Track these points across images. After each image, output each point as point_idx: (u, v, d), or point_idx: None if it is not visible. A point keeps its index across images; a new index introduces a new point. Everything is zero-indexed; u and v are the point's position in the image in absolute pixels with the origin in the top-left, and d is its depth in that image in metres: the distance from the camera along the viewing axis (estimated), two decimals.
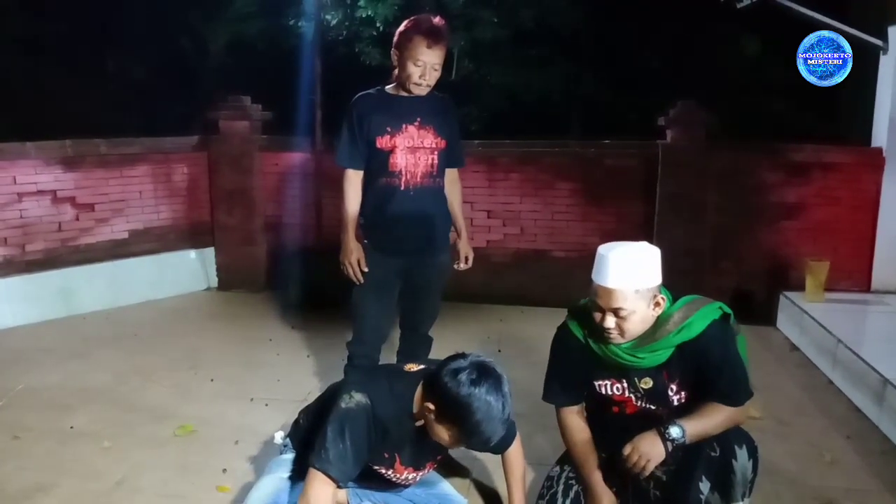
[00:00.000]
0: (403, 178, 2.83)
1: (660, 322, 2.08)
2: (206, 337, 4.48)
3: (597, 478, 2.23)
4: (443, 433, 1.96)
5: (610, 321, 2.02)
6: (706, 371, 2.08)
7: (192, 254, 5.45)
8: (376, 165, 2.84)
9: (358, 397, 1.99)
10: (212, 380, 3.76)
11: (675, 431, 2.02)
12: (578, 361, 2.21)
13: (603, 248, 2.07)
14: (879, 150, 4.74)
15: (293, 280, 5.12)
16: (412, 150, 2.82)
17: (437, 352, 3.29)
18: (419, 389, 2.04)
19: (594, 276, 2.06)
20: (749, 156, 4.97)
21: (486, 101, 6.97)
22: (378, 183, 2.86)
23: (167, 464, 2.89)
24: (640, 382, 2.14)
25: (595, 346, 2.16)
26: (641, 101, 5.38)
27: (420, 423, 2.05)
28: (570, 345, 2.22)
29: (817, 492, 2.72)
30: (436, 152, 2.86)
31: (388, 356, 3.25)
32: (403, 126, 2.81)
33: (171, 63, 7.17)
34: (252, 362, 4.03)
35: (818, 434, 3.23)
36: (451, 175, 3.01)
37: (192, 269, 5.46)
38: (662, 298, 2.07)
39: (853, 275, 4.81)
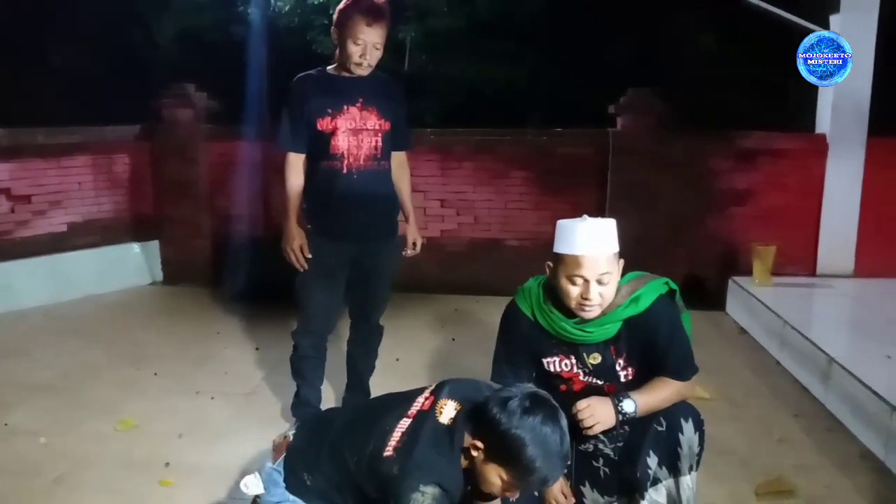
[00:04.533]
0: (346, 161, 2.75)
1: None
2: (150, 332, 4.35)
3: None
4: (493, 476, 1.73)
5: (595, 290, 1.97)
6: (654, 346, 2.07)
7: (135, 247, 5.30)
8: (318, 148, 2.76)
9: (430, 491, 1.70)
10: (156, 374, 3.65)
11: (627, 406, 2.00)
12: (527, 339, 2.17)
13: (568, 222, 2.02)
14: (823, 137, 4.83)
15: (242, 272, 4.99)
16: (354, 133, 2.74)
17: (391, 341, 3.26)
18: (465, 433, 1.78)
19: (568, 249, 1.99)
20: (699, 143, 5.03)
21: (442, 93, 6.92)
22: (320, 166, 2.77)
23: (108, 459, 2.79)
24: (588, 358, 2.11)
25: (544, 323, 2.13)
26: (598, 92, 5.38)
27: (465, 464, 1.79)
28: (518, 322, 2.18)
29: (767, 468, 2.75)
30: (380, 134, 2.78)
31: (337, 346, 3.19)
32: (345, 107, 2.73)
33: (120, 55, 6.92)
34: (199, 356, 3.93)
35: (767, 413, 3.28)
36: (398, 158, 2.94)
37: (136, 263, 5.30)
38: (621, 263, 2.05)
39: (800, 259, 4.90)
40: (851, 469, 2.77)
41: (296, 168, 2.81)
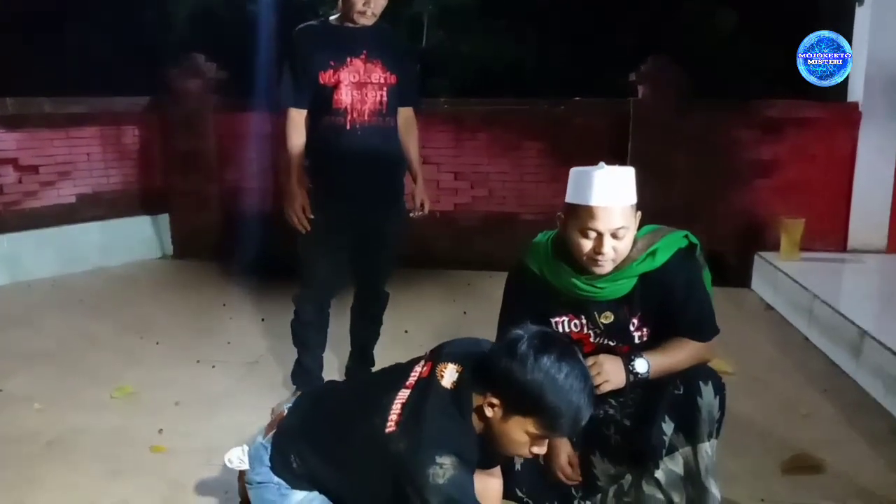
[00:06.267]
0: (349, 117, 2.61)
1: None
2: (156, 304, 4.27)
3: None
4: (517, 432, 1.56)
5: (608, 244, 1.83)
6: (671, 303, 1.92)
7: (146, 220, 5.23)
8: (320, 103, 2.62)
9: (448, 461, 1.54)
10: (157, 343, 3.56)
11: (640, 365, 1.85)
12: (534, 298, 2.03)
13: (583, 170, 1.89)
14: (856, 105, 4.61)
15: (251, 246, 4.90)
16: (358, 86, 2.61)
17: (401, 314, 3.16)
18: (472, 393, 1.61)
19: (581, 199, 1.85)
20: (723, 113, 4.82)
21: (458, 67, 6.77)
22: (322, 122, 2.64)
23: (103, 425, 2.71)
24: (599, 317, 1.97)
25: (552, 279, 1.98)
26: (617, 63, 5.19)
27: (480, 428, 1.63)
28: (524, 280, 2.05)
29: (792, 444, 2.59)
30: (385, 88, 2.64)
31: (342, 314, 3.06)
32: (348, 59, 2.59)
33: (129, 26, 6.81)
34: (203, 327, 3.84)
35: (793, 389, 3.11)
36: (405, 115, 2.80)
37: (145, 236, 5.24)
38: (638, 215, 1.90)
39: (829, 234, 4.68)
40: (882, 444, 2.60)
41: (297, 125, 2.68)
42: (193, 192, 5.23)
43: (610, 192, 1.84)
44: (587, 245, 1.86)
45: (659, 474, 1.92)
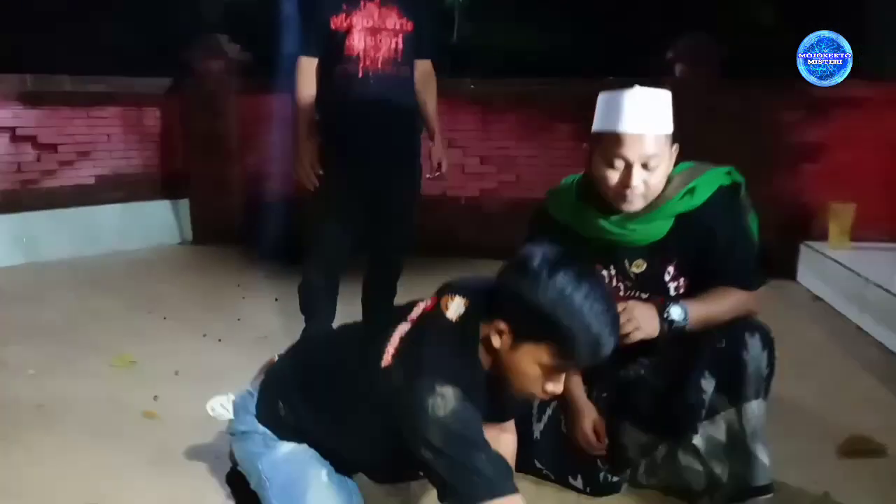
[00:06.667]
0: (361, 64, 2.45)
1: None
2: (169, 284, 4.16)
3: (579, 391, 1.84)
4: (528, 364, 1.35)
5: (638, 176, 1.62)
6: (712, 248, 1.69)
7: (166, 205, 5.14)
8: (331, 51, 2.47)
9: (449, 392, 1.33)
10: (165, 318, 3.43)
11: (675, 312, 1.62)
12: None
13: (611, 93, 1.70)
14: None
15: (273, 232, 4.75)
16: (372, 32, 2.45)
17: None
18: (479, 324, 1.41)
19: (608, 126, 1.65)
20: (764, 91, 4.55)
21: (485, 51, 6.61)
22: (333, 71, 2.49)
23: (97, 391, 2.56)
24: (630, 266, 1.75)
25: (577, 225, 1.78)
26: (652, 46, 4.96)
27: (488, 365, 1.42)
28: (546, 229, 1.84)
29: (845, 428, 2.31)
30: (400, 35, 2.48)
31: (355, 288, 2.87)
32: (361, 3, 2.45)
33: (154, 11, 6.75)
34: (214, 305, 3.71)
35: (846, 375, 2.85)
36: (423, 67, 2.63)
37: (164, 221, 5.15)
38: (676, 148, 1.68)
39: (880, 222, 4.34)
40: None
41: (307, 74, 2.53)
42: (214, 177, 5.13)
43: (640, 117, 1.64)
44: (614, 177, 1.65)
45: (697, 441, 1.68)
